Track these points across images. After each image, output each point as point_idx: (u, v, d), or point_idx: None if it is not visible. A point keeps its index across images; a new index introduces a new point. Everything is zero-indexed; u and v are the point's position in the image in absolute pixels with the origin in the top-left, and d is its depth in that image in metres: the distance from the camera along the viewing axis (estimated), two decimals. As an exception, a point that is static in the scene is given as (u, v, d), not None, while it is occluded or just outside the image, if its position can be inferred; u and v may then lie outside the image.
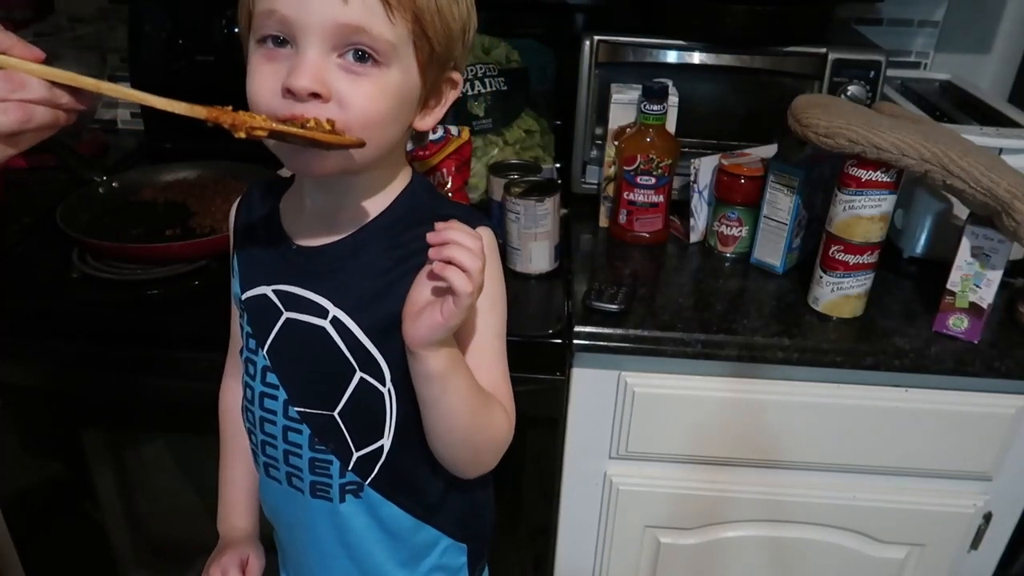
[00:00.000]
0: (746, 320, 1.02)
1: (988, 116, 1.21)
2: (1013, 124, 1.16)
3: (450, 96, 0.71)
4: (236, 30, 1.34)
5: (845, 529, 1.13)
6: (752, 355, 0.99)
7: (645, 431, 1.06)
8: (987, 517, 1.11)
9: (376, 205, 0.72)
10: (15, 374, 1.08)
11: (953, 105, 1.29)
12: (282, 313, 0.73)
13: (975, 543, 1.14)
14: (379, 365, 0.71)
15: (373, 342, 0.71)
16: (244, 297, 0.76)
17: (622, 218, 1.19)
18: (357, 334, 0.70)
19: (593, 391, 1.05)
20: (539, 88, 1.39)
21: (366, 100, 0.62)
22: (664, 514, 1.13)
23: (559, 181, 1.20)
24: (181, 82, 1.43)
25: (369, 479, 0.75)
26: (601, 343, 0.99)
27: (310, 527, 0.79)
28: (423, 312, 0.63)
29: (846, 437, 1.06)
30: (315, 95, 0.60)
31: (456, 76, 0.70)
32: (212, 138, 0.74)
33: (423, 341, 0.64)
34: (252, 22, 0.64)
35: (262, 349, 0.75)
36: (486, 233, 0.69)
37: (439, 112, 0.71)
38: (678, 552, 1.16)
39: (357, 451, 0.74)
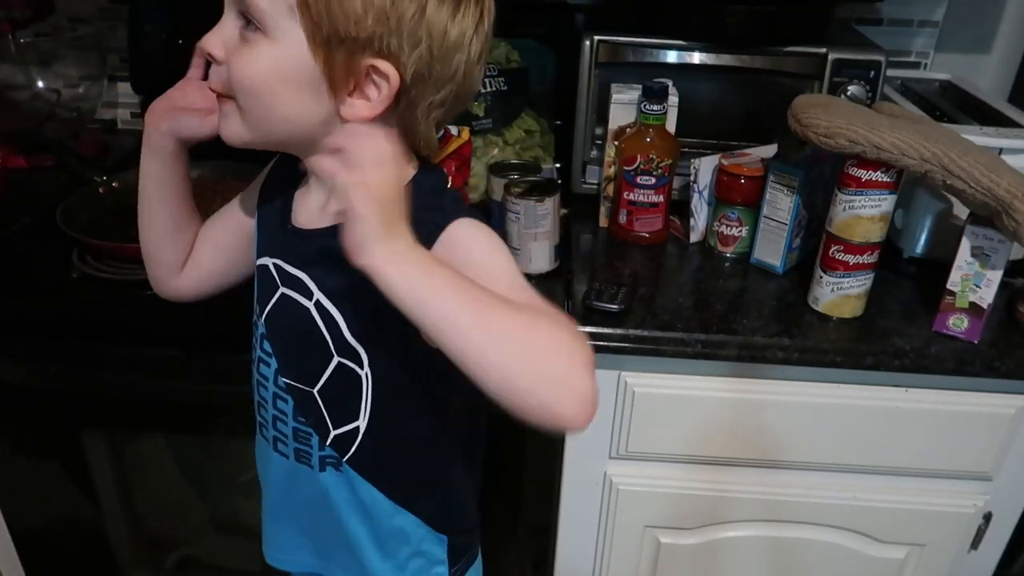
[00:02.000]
0: (746, 320, 1.02)
1: (988, 116, 1.21)
2: (1013, 124, 1.16)
3: (384, 87, 0.64)
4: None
5: (845, 529, 1.13)
6: (752, 355, 0.99)
7: (645, 431, 1.06)
8: (987, 517, 1.11)
9: None
10: (15, 374, 1.08)
11: (953, 105, 1.29)
12: (279, 287, 0.75)
13: (975, 543, 1.14)
14: (357, 352, 0.72)
15: (351, 330, 0.72)
16: (257, 263, 0.79)
17: (622, 218, 1.19)
18: (338, 320, 0.72)
19: (593, 391, 1.05)
20: (539, 88, 1.38)
21: (238, 64, 0.64)
22: (664, 514, 1.13)
23: (559, 181, 1.20)
24: (181, 82, 1.42)
25: (347, 457, 0.77)
26: (601, 343, 0.99)
27: (297, 488, 0.81)
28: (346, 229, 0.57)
29: (846, 437, 1.06)
30: (212, 57, 0.65)
31: (383, 66, 0.62)
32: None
33: (359, 248, 0.57)
34: None
35: (261, 317, 0.78)
36: (465, 224, 0.67)
37: (377, 104, 0.64)
38: (678, 552, 1.16)
39: (334, 430, 0.76)
